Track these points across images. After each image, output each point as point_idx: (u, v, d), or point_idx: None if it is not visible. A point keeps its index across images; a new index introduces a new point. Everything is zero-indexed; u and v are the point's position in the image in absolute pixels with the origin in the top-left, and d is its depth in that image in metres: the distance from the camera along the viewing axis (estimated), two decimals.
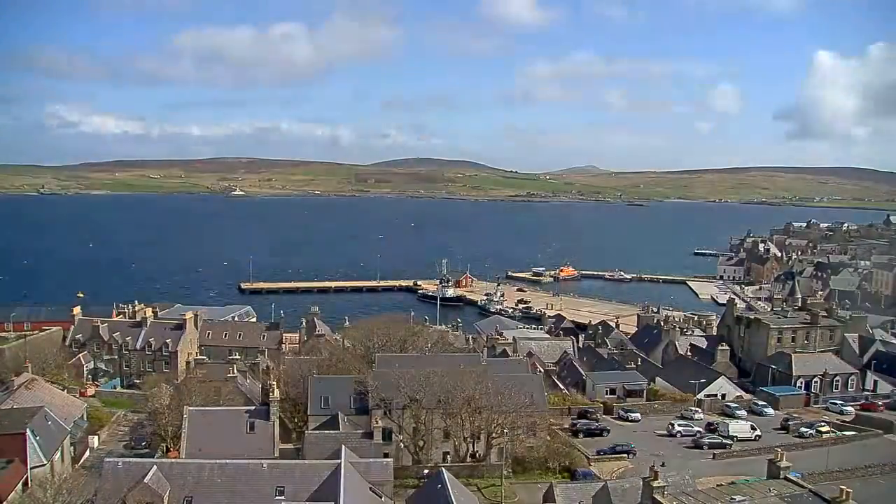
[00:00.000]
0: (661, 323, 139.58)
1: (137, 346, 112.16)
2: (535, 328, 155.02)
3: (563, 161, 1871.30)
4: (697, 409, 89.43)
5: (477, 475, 66.31)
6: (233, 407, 68.08)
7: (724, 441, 77.48)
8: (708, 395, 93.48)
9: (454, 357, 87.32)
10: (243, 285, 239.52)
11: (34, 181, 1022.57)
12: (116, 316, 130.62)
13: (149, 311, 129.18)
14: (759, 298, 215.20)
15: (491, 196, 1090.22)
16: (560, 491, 52.77)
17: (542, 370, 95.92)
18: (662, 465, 59.51)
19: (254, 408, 66.06)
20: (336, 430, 62.93)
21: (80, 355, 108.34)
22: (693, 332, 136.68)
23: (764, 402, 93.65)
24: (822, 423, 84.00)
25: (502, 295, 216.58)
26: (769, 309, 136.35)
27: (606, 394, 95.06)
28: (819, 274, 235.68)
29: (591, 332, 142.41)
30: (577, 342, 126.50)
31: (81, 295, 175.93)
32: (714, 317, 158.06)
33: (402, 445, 69.10)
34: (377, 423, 64.61)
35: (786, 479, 47.09)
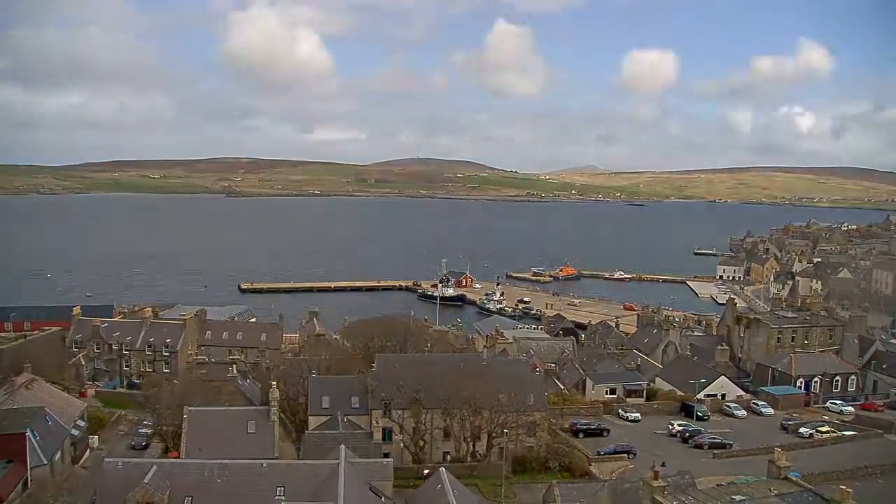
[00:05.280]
0: (661, 323, 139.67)
1: (137, 346, 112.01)
2: (535, 328, 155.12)
3: (563, 161, 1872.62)
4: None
5: (477, 475, 66.20)
6: (233, 407, 68.15)
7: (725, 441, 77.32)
8: (708, 395, 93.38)
9: (454, 357, 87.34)
10: (243, 285, 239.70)
11: (34, 181, 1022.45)
12: (116, 316, 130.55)
13: (149, 311, 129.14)
14: (758, 298, 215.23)
15: (491, 196, 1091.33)
16: (560, 491, 52.72)
17: (542, 370, 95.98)
18: (662, 465, 59.52)
19: (254, 408, 66.06)
20: (336, 430, 62.85)
21: (80, 355, 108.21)
22: (693, 332, 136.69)
23: (764, 402, 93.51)
24: (822, 423, 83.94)
25: (502, 295, 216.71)
26: (769, 309, 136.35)
27: (606, 394, 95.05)
28: (819, 274, 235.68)
29: (591, 332, 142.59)
30: (577, 342, 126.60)
31: (90, 295, 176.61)
32: (714, 317, 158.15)
33: (402, 445, 69.05)
34: (377, 423, 64.59)
35: (786, 479, 47.15)
